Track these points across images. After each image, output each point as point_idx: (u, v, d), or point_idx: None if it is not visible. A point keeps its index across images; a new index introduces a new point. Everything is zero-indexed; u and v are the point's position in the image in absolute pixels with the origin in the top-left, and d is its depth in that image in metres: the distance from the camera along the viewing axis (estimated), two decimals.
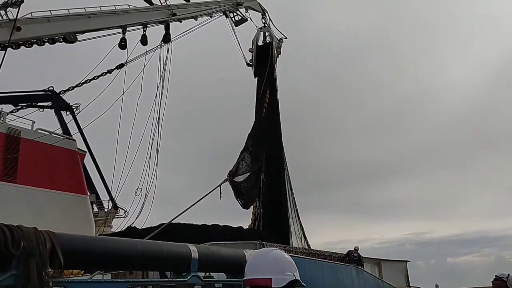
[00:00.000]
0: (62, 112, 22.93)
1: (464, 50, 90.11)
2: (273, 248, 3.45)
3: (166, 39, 17.72)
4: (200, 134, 68.12)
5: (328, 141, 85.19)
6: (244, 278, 2.91)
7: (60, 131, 19.57)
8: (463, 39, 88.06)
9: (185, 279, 7.72)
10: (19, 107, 21.22)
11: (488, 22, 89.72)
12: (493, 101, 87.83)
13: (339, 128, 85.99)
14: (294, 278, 2.62)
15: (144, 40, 16.73)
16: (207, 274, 8.92)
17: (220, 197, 13.44)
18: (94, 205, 24.17)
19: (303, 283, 2.61)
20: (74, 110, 23.23)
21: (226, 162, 14.88)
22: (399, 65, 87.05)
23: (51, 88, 22.31)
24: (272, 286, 2.64)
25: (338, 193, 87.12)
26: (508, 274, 8.17)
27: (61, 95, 22.13)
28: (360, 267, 18.38)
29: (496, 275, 8.24)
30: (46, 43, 13.62)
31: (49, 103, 22.78)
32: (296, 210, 19.95)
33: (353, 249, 19.00)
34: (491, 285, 8.24)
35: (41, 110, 22.65)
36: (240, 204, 15.63)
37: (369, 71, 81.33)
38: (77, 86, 20.27)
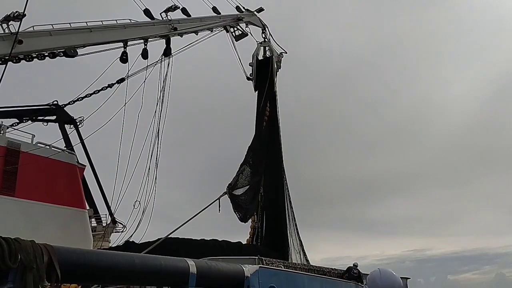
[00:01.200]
0: (66, 125, 23.04)
1: (466, 67, 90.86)
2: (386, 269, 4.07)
3: (167, 53, 17.85)
4: (200, 148, 68.18)
5: (328, 157, 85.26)
6: None
7: (63, 145, 19.58)
8: (465, 57, 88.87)
9: None
10: (23, 121, 21.26)
11: (490, 39, 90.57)
12: (495, 119, 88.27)
13: (339, 144, 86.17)
14: None
15: (145, 54, 16.85)
16: None
17: (219, 210, 13.38)
18: (92, 220, 24.05)
19: None
20: (78, 124, 23.34)
21: (226, 177, 14.84)
22: (400, 82, 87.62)
23: (55, 102, 22.42)
24: None
25: (338, 209, 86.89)
26: None
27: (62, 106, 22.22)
28: (359, 283, 18.21)
29: None
30: (47, 57, 13.70)
31: (53, 117, 22.89)
32: (295, 224, 19.84)
33: (352, 266, 18.85)
34: None
35: (45, 124, 22.77)
36: (238, 217, 15.56)
37: (369, 88, 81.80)
38: (78, 100, 20.35)
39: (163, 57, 17.87)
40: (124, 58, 16.09)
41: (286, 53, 22.62)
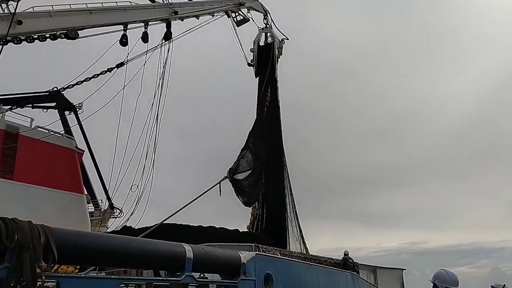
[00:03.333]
0: (65, 112, 23.03)
1: (465, 62, 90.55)
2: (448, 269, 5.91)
3: (167, 37, 17.71)
4: (200, 135, 68.09)
5: (327, 149, 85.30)
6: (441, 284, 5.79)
7: (62, 131, 19.55)
8: (464, 52, 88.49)
9: (179, 279, 7.66)
10: (23, 107, 21.24)
11: (489, 35, 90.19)
12: (493, 114, 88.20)
13: (338, 135, 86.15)
14: None
15: (145, 37, 16.71)
16: (202, 275, 8.86)
17: (220, 194, 13.33)
18: (90, 205, 24.11)
19: None
20: (77, 109, 23.34)
21: (227, 165, 14.73)
22: (401, 74, 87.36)
23: (55, 89, 22.37)
24: None
25: (335, 201, 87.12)
26: (504, 285, 8.25)
27: (61, 92, 22.18)
28: (355, 273, 18.33)
29: (492, 286, 8.32)
30: (48, 39, 13.62)
31: (53, 104, 22.88)
32: (295, 212, 19.87)
33: (344, 253, 18.96)
34: None
35: (45, 110, 22.76)
36: (242, 202, 15.49)
37: (370, 80, 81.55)
38: (77, 84, 20.27)
39: (163, 41, 17.75)
40: (124, 41, 15.96)
41: (287, 39, 22.51)
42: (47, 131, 18.08)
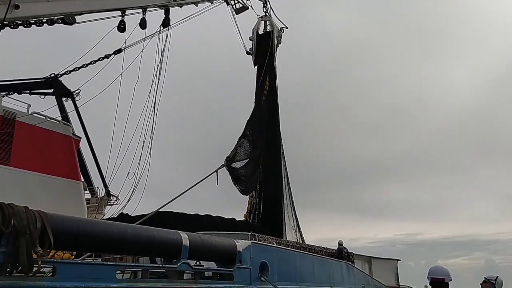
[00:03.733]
0: (63, 98, 22.95)
1: (465, 56, 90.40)
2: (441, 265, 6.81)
3: (166, 23, 17.54)
4: (198, 124, 67.92)
5: (326, 139, 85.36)
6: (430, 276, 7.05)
7: (59, 118, 19.48)
8: (464, 46, 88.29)
9: (175, 266, 7.70)
10: (21, 93, 21.14)
11: (489, 29, 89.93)
12: (492, 108, 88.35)
13: (337, 126, 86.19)
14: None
15: (143, 24, 16.56)
16: (198, 262, 8.91)
17: (217, 182, 13.33)
18: (86, 192, 24.12)
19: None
20: (75, 96, 23.26)
21: (225, 153, 14.69)
22: (400, 67, 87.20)
23: (53, 75, 22.25)
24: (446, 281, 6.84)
25: (332, 191, 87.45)
26: (497, 277, 8.33)
27: (59, 78, 22.09)
28: (350, 263, 18.44)
29: (485, 277, 8.41)
30: (45, 24, 13.50)
31: (50, 90, 22.78)
32: (292, 201, 19.91)
33: (338, 243, 19.06)
34: None
35: (43, 97, 22.65)
36: (239, 190, 15.46)
37: (369, 71, 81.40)
38: (74, 70, 20.17)
39: (161, 28, 17.61)
40: (121, 27, 15.81)
41: (287, 28, 22.35)
42: (44, 117, 18.01)
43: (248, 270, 9.60)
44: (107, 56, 18.88)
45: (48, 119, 18.13)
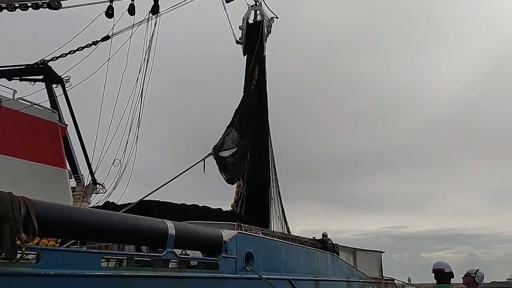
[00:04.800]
0: (53, 85, 22.59)
1: (454, 51, 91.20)
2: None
3: (155, 10, 17.30)
4: (187, 113, 67.71)
5: (312, 132, 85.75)
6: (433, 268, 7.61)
7: (48, 104, 19.21)
8: (454, 41, 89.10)
9: (161, 255, 7.72)
10: (11, 80, 20.80)
11: (479, 25, 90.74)
12: (478, 104, 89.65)
13: (326, 118, 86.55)
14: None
15: (131, 10, 16.34)
16: (183, 251, 8.93)
17: (204, 170, 13.31)
18: (72, 180, 23.88)
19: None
20: (65, 82, 22.91)
21: (214, 143, 14.66)
22: (388, 61, 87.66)
23: (43, 61, 21.88)
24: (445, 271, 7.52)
25: (319, 183, 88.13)
26: (477, 270, 8.52)
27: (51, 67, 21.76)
28: (335, 254, 18.62)
29: (466, 272, 8.59)
30: (30, 8, 13.28)
31: (40, 76, 22.42)
32: (279, 192, 19.97)
33: (322, 235, 19.22)
34: (462, 281, 8.58)
35: (32, 83, 22.28)
36: (225, 179, 15.47)
37: (358, 65, 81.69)
38: (61, 56, 19.87)
39: (150, 14, 17.39)
40: (110, 13, 15.56)
41: (277, 18, 22.22)
42: (29, 103, 17.76)
43: (233, 260, 9.66)
44: (94, 43, 18.63)
45: (34, 105, 17.88)
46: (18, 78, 21.24)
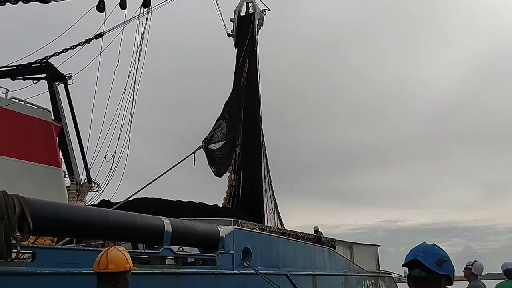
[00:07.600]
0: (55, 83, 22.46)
1: (447, 45, 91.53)
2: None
3: (146, 4, 17.17)
4: (179, 109, 67.55)
5: (307, 126, 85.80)
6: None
7: (46, 103, 19.14)
8: (447, 35, 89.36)
9: (157, 252, 7.69)
10: (15, 80, 20.65)
11: (472, 19, 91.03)
12: (473, 97, 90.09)
13: (320, 113, 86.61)
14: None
15: (123, 4, 16.21)
16: (180, 248, 8.90)
17: (194, 164, 13.30)
18: (67, 178, 23.74)
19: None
20: (67, 80, 22.77)
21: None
22: (384, 55, 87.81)
23: (45, 60, 21.70)
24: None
25: (316, 178, 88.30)
26: (474, 261, 8.57)
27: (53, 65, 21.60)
28: (332, 249, 18.66)
29: (467, 263, 8.67)
30: (20, 2, 13.10)
31: (43, 75, 22.27)
32: (271, 186, 19.92)
33: (314, 229, 19.25)
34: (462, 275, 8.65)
35: (35, 82, 22.11)
36: (213, 172, 15.51)
37: (353, 60, 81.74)
38: (53, 55, 19.69)
39: (142, 8, 17.24)
40: (101, 7, 15.43)
41: (269, 10, 22.10)
42: (23, 103, 17.66)
43: (231, 256, 9.65)
44: (87, 41, 18.51)
45: (27, 104, 17.78)
46: (22, 77, 21.08)
